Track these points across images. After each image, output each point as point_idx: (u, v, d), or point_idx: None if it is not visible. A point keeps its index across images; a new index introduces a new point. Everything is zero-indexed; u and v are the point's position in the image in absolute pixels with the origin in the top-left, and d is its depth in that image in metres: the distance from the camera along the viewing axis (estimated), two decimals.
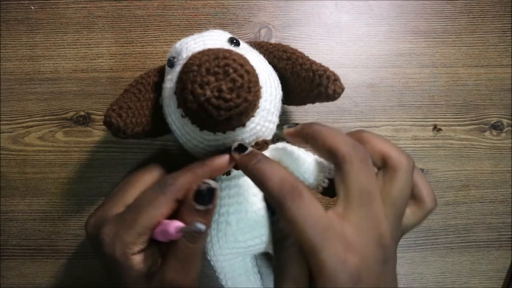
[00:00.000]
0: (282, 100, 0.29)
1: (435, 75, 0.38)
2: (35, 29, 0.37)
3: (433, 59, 0.38)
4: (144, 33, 0.37)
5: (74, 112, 0.37)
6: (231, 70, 0.22)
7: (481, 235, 0.39)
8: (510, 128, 0.38)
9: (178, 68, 0.26)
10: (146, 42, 0.37)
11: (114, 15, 0.37)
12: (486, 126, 0.38)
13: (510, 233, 0.38)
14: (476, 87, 0.38)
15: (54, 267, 0.37)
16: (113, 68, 0.37)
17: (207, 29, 0.29)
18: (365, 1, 0.38)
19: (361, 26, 0.38)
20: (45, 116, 0.37)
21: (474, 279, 0.39)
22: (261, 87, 0.25)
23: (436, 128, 0.38)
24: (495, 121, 0.38)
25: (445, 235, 0.38)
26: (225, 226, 0.28)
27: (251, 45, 0.31)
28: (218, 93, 0.22)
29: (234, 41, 0.28)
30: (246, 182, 0.28)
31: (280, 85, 0.29)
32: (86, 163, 0.37)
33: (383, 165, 0.25)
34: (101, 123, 0.37)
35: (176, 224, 0.24)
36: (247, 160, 0.24)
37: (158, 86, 0.29)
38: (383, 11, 0.38)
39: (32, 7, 0.37)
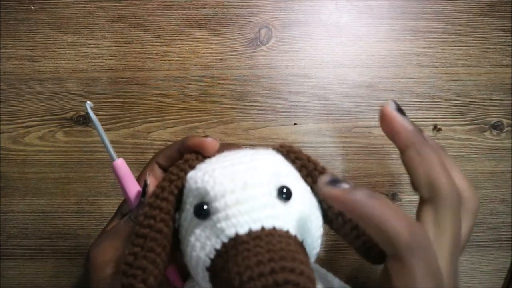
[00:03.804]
0: None
1: (435, 75, 0.38)
2: (35, 29, 0.37)
3: (433, 59, 0.38)
4: (144, 33, 0.37)
5: (74, 112, 0.37)
6: None
7: (481, 235, 0.38)
8: (510, 128, 0.38)
9: (219, 238, 0.20)
10: (146, 42, 0.37)
11: (114, 15, 0.37)
12: (486, 126, 0.38)
13: (510, 233, 0.38)
14: (476, 87, 0.38)
15: (54, 267, 0.37)
16: (113, 68, 0.37)
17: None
18: (365, 1, 0.38)
19: (361, 26, 0.38)
20: (45, 116, 0.37)
21: (474, 279, 0.39)
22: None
23: (436, 128, 0.38)
24: (495, 121, 0.38)
25: None
26: None
27: (295, 166, 0.23)
28: None
29: (285, 193, 0.21)
30: None
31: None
32: (86, 163, 0.37)
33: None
34: (101, 123, 0.37)
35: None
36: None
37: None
38: (383, 11, 0.38)
39: (32, 7, 0.37)
